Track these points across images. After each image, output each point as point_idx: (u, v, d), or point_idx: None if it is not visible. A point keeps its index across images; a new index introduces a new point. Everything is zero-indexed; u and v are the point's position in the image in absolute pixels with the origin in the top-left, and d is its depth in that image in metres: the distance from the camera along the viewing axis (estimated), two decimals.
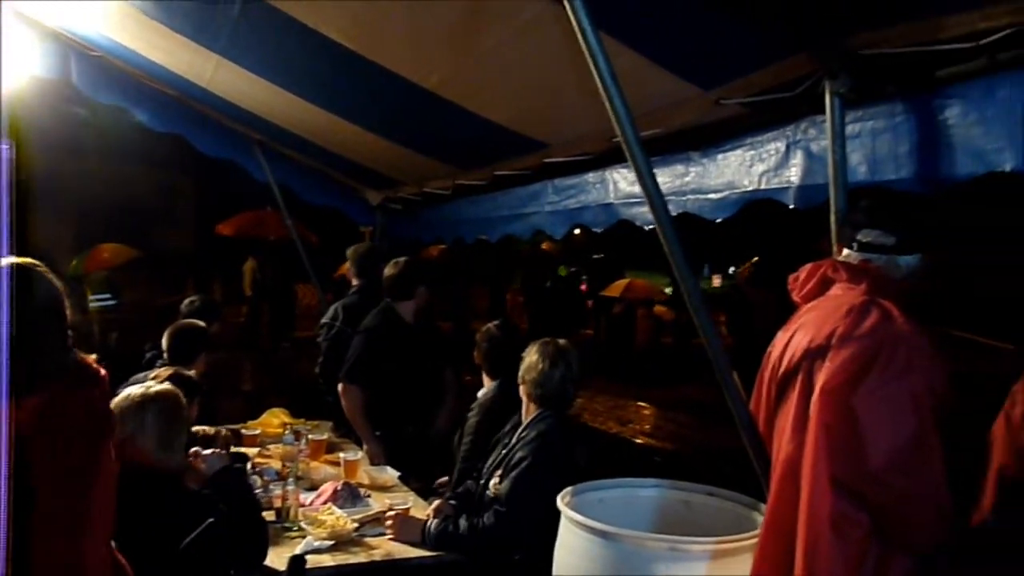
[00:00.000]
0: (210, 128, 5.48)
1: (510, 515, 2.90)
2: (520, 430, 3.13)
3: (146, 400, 2.41)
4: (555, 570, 2.65)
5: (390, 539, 3.01)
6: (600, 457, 3.44)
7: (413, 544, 2.97)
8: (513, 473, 2.95)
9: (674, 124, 3.00)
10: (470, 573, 2.90)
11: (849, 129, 2.46)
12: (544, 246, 14.56)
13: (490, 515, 2.93)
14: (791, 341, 2.13)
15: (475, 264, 14.29)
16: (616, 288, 12.90)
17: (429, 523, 3.00)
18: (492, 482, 3.08)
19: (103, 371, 1.87)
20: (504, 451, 3.13)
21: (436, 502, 3.21)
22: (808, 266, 2.21)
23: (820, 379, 1.95)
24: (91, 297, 11.70)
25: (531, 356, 3.13)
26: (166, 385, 2.57)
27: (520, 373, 3.17)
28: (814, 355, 2.00)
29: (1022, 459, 1.83)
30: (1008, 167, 2.08)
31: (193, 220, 17.07)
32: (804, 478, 1.92)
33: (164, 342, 4.06)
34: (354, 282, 4.97)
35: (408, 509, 3.15)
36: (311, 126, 4.71)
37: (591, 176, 3.76)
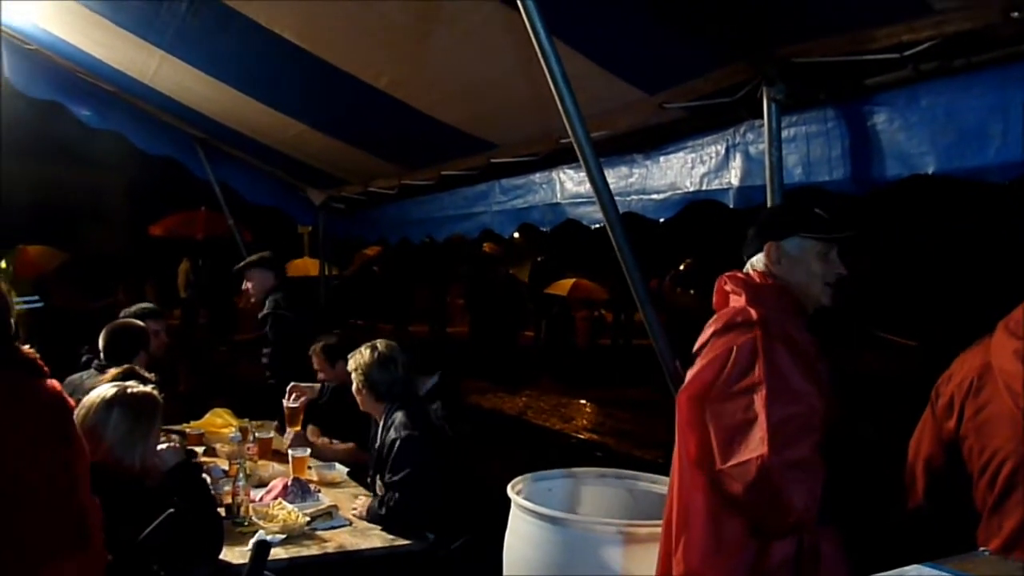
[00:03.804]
0: (151, 125, 5.41)
1: (401, 505, 3.07)
2: (380, 431, 3.34)
3: (114, 400, 2.41)
4: (505, 555, 2.73)
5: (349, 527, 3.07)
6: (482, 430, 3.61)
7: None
8: (392, 467, 3.14)
9: (620, 126, 3.11)
10: (421, 562, 2.95)
11: (785, 133, 2.60)
12: (486, 247, 14.63)
13: (385, 509, 3.11)
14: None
15: (416, 265, 14.28)
16: (562, 287, 13.06)
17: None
18: (378, 484, 3.30)
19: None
20: (376, 454, 3.35)
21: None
22: (720, 277, 2.24)
23: (685, 383, 2.06)
24: (16, 299, 11.29)
25: (361, 358, 3.39)
26: (140, 388, 2.55)
27: (353, 377, 3.42)
28: (693, 359, 2.11)
29: (946, 449, 1.97)
30: (930, 170, 2.24)
31: (126, 221, 16.62)
32: (682, 473, 2.02)
33: (100, 341, 3.99)
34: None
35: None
36: (256, 124, 4.70)
37: (538, 176, 3.85)
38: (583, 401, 7.68)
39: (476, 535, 3.02)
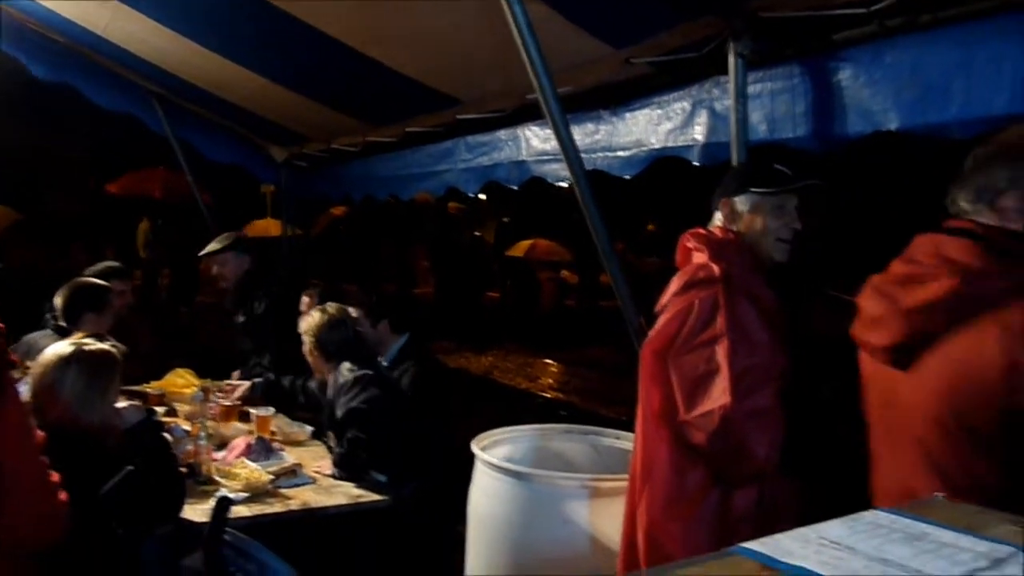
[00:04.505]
0: (105, 79, 5.22)
1: (352, 450, 3.12)
2: (330, 390, 3.36)
3: (71, 357, 2.36)
4: (470, 511, 2.75)
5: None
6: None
7: None
8: (342, 419, 3.17)
9: (586, 82, 3.07)
10: (385, 518, 2.96)
11: (751, 89, 2.59)
12: (451, 208, 14.55)
13: (338, 457, 3.17)
14: None
15: (383, 226, 14.17)
16: (520, 248, 13.05)
17: None
18: (331, 438, 3.36)
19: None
20: (328, 411, 3.38)
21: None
22: (683, 234, 2.24)
23: (649, 337, 2.08)
24: None
25: (312, 320, 3.43)
26: (98, 345, 2.50)
27: (304, 340, 3.45)
28: (656, 317, 2.12)
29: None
30: (893, 126, 2.25)
31: (84, 181, 16.20)
32: (646, 427, 2.05)
33: (58, 300, 3.90)
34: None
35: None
36: (215, 78, 4.57)
37: (503, 133, 3.80)
38: (548, 361, 7.73)
39: (432, 482, 3.06)
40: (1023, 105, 1.95)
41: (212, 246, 4.62)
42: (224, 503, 2.17)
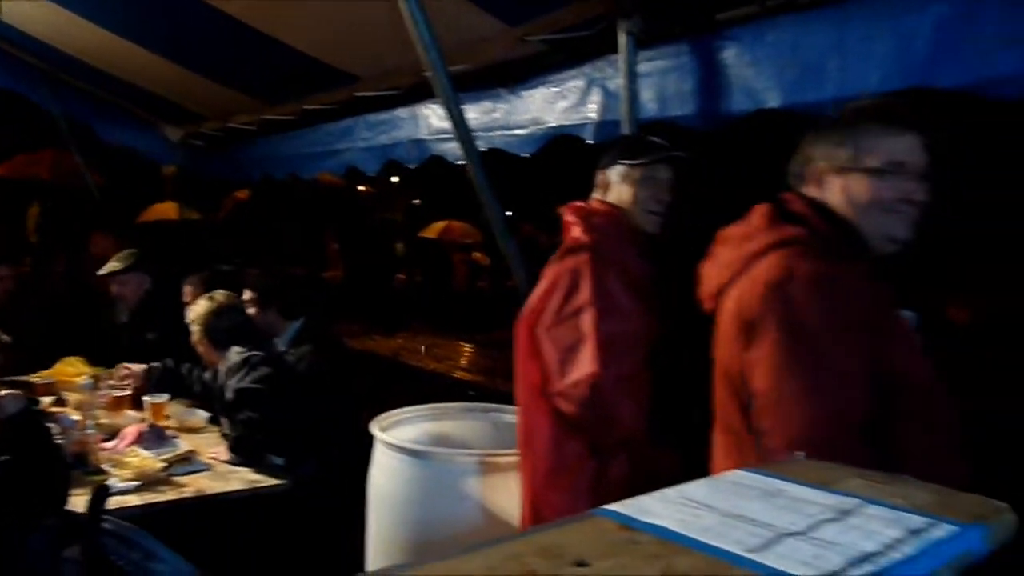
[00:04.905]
0: None
1: (245, 432, 3.06)
2: (220, 377, 3.28)
3: None
4: (370, 491, 2.72)
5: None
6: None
7: None
8: (237, 404, 3.10)
9: (481, 59, 3.07)
10: (284, 502, 2.91)
11: (641, 68, 2.63)
12: (361, 190, 14.33)
13: (232, 441, 3.10)
14: None
15: (290, 208, 13.85)
16: (433, 230, 12.96)
17: None
18: (225, 424, 3.28)
19: None
20: (219, 395, 3.30)
21: None
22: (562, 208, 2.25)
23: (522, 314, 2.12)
24: None
25: (199, 309, 3.35)
26: None
27: (193, 329, 3.37)
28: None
29: None
30: (775, 104, 2.33)
31: None
32: (527, 402, 2.10)
33: None
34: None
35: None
36: (107, 55, 4.37)
37: (402, 111, 3.76)
38: (459, 342, 7.74)
39: (332, 464, 3.03)
40: (893, 83, 2.05)
41: (112, 265, 4.36)
42: (101, 492, 2.09)
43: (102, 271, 4.43)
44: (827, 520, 0.91)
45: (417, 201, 15.33)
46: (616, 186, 2.14)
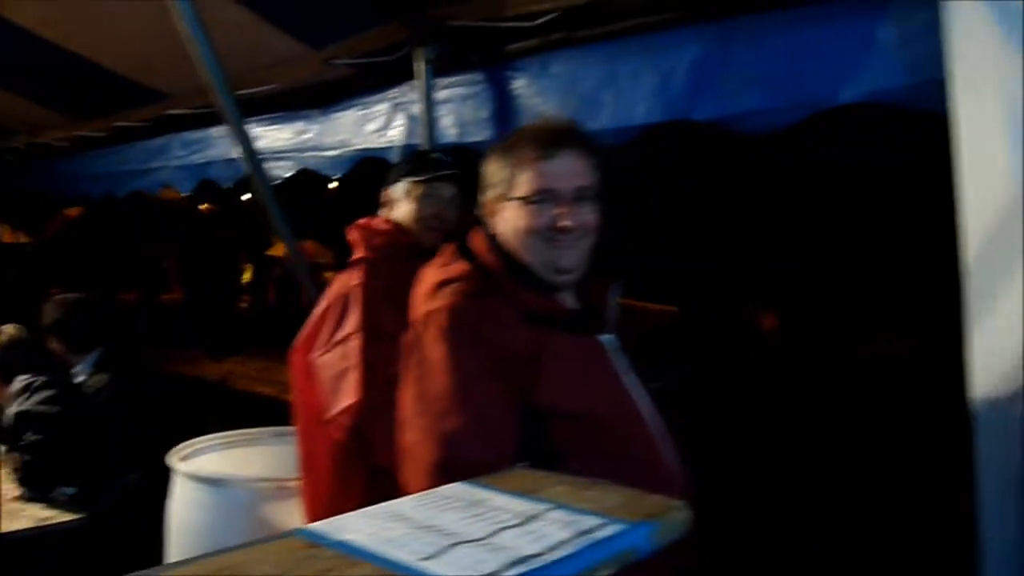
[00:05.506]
0: None
1: (30, 466, 2.94)
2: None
3: None
4: (168, 523, 2.63)
5: None
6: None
7: None
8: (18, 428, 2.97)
9: (288, 81, 3.06)
10: (79, 536, 2.77)
11: (443, 94, 2.71)
12: (203, 208, 13.78)
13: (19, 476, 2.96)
14: None
15: (125, 228, 13.13)
16: (280, 249, 12.64)
17: None
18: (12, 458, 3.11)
19: None
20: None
21: None
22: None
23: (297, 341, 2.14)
24: None
25: None
26: None
27: None
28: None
29: None
30: None
31: None
32: (308, 428, 2.12)
33: None
34: None
35: None
36: None
37: (216, 130, 3.68)
38: None
39: (132, 496, 2.91)
40: (657, 116, 2.21)
41: None
42: None
43: None
44: (509, 526, 0.97)
45: (262, 219, 14.89)
46: (399, 203, 2.14)
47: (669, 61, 2.16)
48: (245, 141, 2.17)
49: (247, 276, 13.92)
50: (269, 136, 3.38)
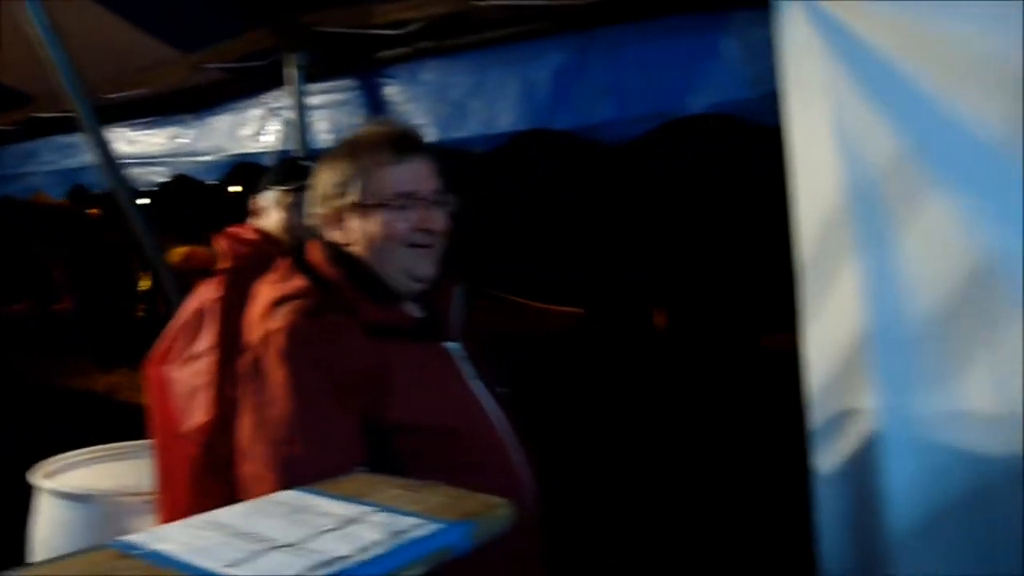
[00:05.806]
0: None
1: None
2: None
3: None
4: (31, 542, 2.54)
5: None
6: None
7: None
8: None
9: (159, 85, 2.99)
10: None
11: (316, 100, 2.71)
12: (91, 212, 13.23)
13: None
14: None
15: (11, 235, 12.48)
16: (174, 255, 12.23)
17: None
18: None
19: None
20: None
21: None
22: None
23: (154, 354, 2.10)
24: None
25: None
26: None
27: None
28: None
29: None
30: (432, 139, 2.45)
31: None
32: (165, 442, 2.09)
33: None
34: None
35: None
36: None
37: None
38: None
39: None
40: (522, 124, 2.26)
41: None
42: None
43: None
44: (328, 530, 0.99)
45: (155, 224, 14.39)
46: (269, 211, 2.11)
47: (533, 71, 2.22)
48: (102, 146, 2.11)
49: (145, 284, 13.44)
50: (144, 141, 3.31)
